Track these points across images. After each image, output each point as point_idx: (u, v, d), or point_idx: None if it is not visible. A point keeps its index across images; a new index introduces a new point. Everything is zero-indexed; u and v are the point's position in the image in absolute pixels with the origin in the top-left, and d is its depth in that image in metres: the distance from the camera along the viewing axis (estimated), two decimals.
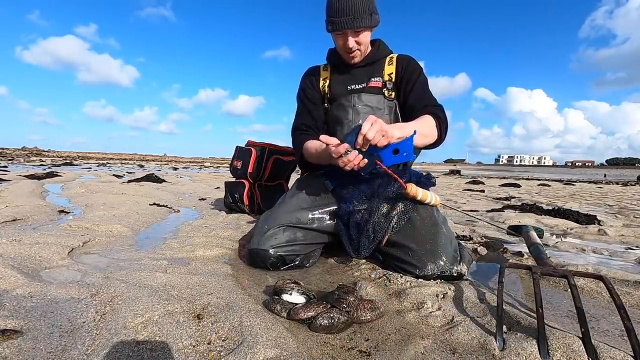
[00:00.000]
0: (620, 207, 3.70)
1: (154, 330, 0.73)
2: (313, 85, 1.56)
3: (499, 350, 0.71)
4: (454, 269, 1.10)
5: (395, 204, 1.23)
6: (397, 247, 1.17)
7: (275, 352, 0.67)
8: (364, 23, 1.32)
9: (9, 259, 1.10)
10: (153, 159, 31.49)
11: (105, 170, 8.18)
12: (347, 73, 1.52)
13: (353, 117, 1.45)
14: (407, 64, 1.48)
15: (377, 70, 1.49)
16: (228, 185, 2.32)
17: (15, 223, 1.73)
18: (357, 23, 1.31)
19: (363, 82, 1.48)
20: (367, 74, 1.49)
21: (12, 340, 0.67)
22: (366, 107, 1.45)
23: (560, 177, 15.62)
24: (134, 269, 1.09)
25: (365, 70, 1.50)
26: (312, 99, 1.55)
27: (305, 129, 1.50)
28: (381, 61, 1.50)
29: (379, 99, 1.46)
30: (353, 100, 1.46)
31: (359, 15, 1.30)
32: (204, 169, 11.71)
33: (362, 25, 1.32)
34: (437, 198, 1.27)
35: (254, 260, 1.23)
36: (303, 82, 1.59)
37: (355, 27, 1.32)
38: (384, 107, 1.46)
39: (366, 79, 1.49)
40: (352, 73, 1.50)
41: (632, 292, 1.07)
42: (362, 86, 1.47)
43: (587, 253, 1.61)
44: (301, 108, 1.57)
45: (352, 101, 1.46)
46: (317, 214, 1.30)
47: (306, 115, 1.53)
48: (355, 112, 1.45)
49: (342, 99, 1.48)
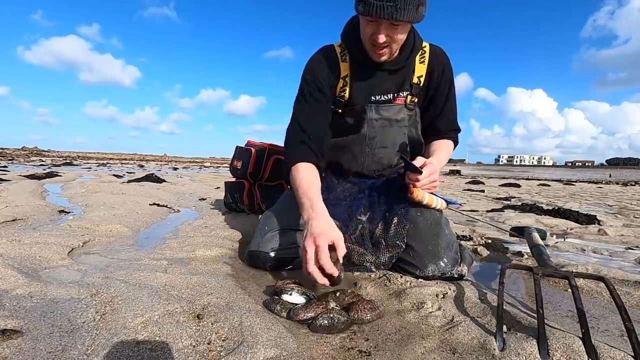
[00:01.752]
0: (620, 207, 3.70)
1: (154, 330, 0.73)
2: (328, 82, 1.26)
3: (498, 351, 0.71)
4: (454, 270, 1.10)
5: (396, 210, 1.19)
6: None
7: (275, 352, 0.67)
8: (406, 16, 1.02)
9: (9, 259, 1.10)
10: (153, 159, 31.49)
11: (105, 170, 8.18)
12: (371, 76, 1.26)
13: (367, 132, 1.29)
14: (442, 71, 1.30)
15: (407, 77, 1.28)
16: (228, 185, 2.32)
17: (15, 223, 1.73)
18: (399, 14, 1.02)
19: (389, 92, 1.28)
20: (395, 82, 1.27)
21: (12, 340, 0.67)
22: (384, 121, 1.30)
23: (561, 177, 15.62)
24: (134, 269, 1.09)
25: (394, 78, 1.27)
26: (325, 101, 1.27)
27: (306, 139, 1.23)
28: (411, 62, 1.27)
29: (399, 109, 1.30)
30: (370, 113, 1.28)
31: (403, 5, 1.01)
32: (204, 169, 11.70)
33: (404, 18, 1.03)
34: (444, 203, 1.25)
35: (254, 262, 1.22)
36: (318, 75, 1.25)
37: (395, 18, 1.03)
38: (404, 117, 1.31)
39: (394, 89, 1.27)
40: (378, 77, 1.26)
41: (632, 292, 1.07)
42: (388, 98, 1.28)
43: (587, 253, 1.60)
44: (306, 107, 1.26)
45: (369, 113, 1.28)
46: None
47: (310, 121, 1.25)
48: (370, 127, 1.30)
49: (358, 107, 1.29)
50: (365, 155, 1.35)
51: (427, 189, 1.18)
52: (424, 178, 1.13)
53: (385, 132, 1.32)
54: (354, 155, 1.36)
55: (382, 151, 1.34)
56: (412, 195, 1.17)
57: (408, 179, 1.17)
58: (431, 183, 1.17)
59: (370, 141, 1.32)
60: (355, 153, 1.35)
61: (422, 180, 1.14)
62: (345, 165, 1.38)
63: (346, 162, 1.38)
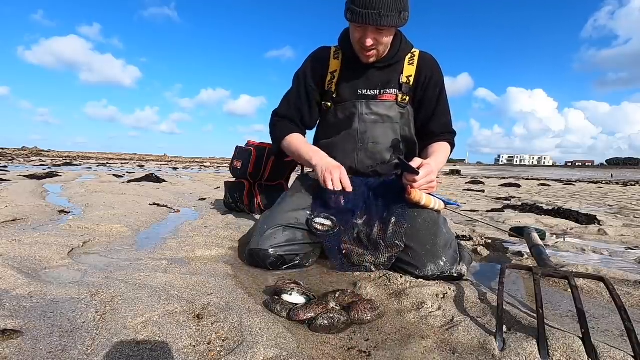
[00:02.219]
0: (620, 207, 3.70)
1: (154, 330, 0.73)
2: (316, 75, 1.41)
3: (498, 351, 0.71)
4: (454, 270, 1.10)
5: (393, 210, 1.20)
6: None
7: (275, 352, 0.67)
8: (389, 22, 1.14)
9: (9, 259, 1.10)
10: (153, 158, 31.50)
11: (105, 170, 8.18)
12: (359, 73, 1.36)
13: (358, 126, 1.36)
14: (431, 75, 1.36)
15: (395, 74, 1.35)
16: (228, 185, 2.32)
17: (15, 223, 1.73)
18: (382, 21, 1.13)
19: (376, 88, 1.35)
20: (382, 79, 1.35)
21: (12, 340, 0.67)
22: (375, 116, 1.35)
23: (561, 177, 15.62)
24: (134, 269, 1.09)
25: (381, 74, 1.35)
26: (310, 91, 1.41)
27: (289, 121, 1.42)
28: (400, 62, 1.36)
29: (390, 106, 1.35)
30: (361, 108, 1.35)
31: (386, 12, 1.12)
32: (204, 169, 11.71)
33: (387, 24, 1.14)
34: (442, 204, 1.25)
35: (254, 260, 1.22)
36: (308, 68, 1.43)
37: (379, 24, 1.14)
38: (395, 115, 1.36)
39: (380, 85, 1.35)
40: (366, 74, 1.35)
41: (632, 292, 1.07)
42: (375, 93, 1.35)
43: (587, 253, 1.61)
44: (294, 96, 1.44)
45: (360, 108, 1.35)
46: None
47: (295, 108, 1.43)
48: (361, 121, 1.36)
49: (349, 103, 1.36)
50: (358, 150, 1.38)
51: (424, 189, 1.19)
52: (421, 179, 1.14)
53: (376, 127, 1.36)
54: (347, 151, 1.39)
55: (375, 146, 1.38)
56: (410, 196, 1.17)
57: (405, 180, 1.18)
58: (428, 184, 1.18)
59: (362, 135, 1.36)
60: (348, 149, 1.39)
61: (420, 181, 1.15)
62: (340, 161, 1.38)
63: (341, 158, 1.39)
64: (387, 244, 1.16)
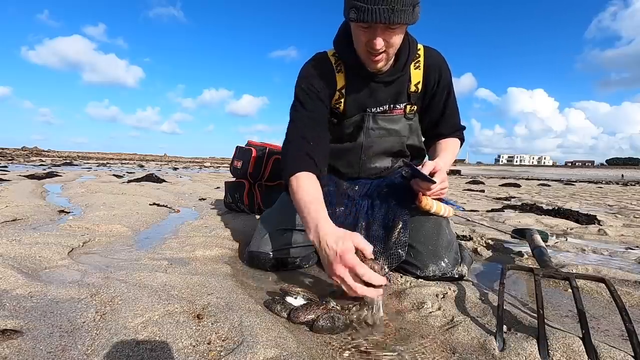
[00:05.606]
0: (620, 207, 3.70)
1: (154, 330, 0.73)
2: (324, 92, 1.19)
3: (498, 351, 0.71)
4: (455, 270, 1.09)
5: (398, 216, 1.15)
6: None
7: (275, 352, 0.67)
8: (403, 18, 0.95)
9: (9, 259, 1.10)
10: (153, 158, 31.49)
11: (105, 170, 8.18)
12: (366, 87, 1.21)
13: (364, 140, 1.27)
14: (439, 77, 1.25)
15: (403, 85, 1.23)
16: (228, 185, 2.32)
17: (15, 223, 1.73)
18: (395, 17, 0.94)
19: (385, 104, 1.24)
20: (391, 93, 1.22)
21: (12, 340, 0.67)
22: (382, 131, 1.27)
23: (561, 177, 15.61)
24: (134, 269, 1.09)
25: (389, 89, 1.22)
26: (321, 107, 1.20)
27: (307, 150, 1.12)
28: (406, 71, 1.21)
29: (398, 120, 1.27)
30: (368, 122, 1.25)
31: (400, 6, 0.93)
32: (204, 169, 11.71)
33: (401, 20, 0.95)
34: (451, 210, 1.20)
35: (254, 263, 1.22)
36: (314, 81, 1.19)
37: (392, 21, 0.94)
38: (403, 128, 1.28)
39: (389, 101, 1.23)
40: (373, 89, 1.21)
41: (632, 292, 1.07)
42: (384, 109, 1.25)
43: (587, 253, 1.61)
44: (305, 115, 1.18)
45: (367, 123, 1.25)
46: None
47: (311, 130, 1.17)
48: (367, 136, 1.27)
49: (357, 116, 1.26)
50: (361, 162, 1.34)
51: (436, 196, 1.15)
52: (436, 187, 1.08)
53: (382, 141, 1.30)
54: (350, 162, 1.35)
55: (379, 158, 1.34)
56: (421, 204, 1.12)
57: (417, 187, 1.13)
58: (441, 190, 1.14)
59: (367, 150, 1.31)
60: (352, 160, 1.34)
61: (434, 189, 1.09)
62: (342, 170, 1.38)
63: (342, 168, 1.37)
64: (390, 252, 1.10)
